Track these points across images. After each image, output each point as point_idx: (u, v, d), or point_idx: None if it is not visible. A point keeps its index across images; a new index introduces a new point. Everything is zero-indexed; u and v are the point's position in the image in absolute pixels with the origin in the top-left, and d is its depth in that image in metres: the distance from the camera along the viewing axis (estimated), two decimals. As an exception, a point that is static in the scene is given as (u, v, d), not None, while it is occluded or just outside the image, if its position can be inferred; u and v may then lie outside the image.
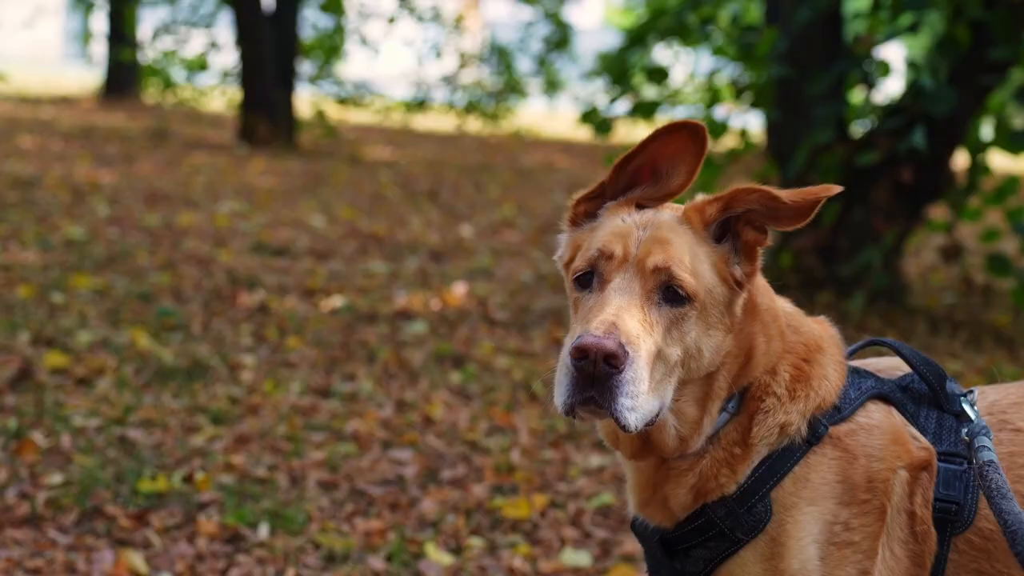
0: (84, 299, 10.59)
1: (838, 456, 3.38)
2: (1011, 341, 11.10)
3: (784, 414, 3.38)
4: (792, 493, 3.34)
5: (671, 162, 3.40)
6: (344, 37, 31.75)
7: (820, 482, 3.35)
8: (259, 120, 23.90)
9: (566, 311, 11.23)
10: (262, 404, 8.33)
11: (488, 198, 19.58)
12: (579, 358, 3.10)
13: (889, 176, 11.59)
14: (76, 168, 18.66)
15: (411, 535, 6.46)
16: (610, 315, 3.15)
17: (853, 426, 3.42)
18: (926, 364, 3.56)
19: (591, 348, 3.08)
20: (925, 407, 3.52)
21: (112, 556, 5.96)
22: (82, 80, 39.12)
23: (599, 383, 3.10)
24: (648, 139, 3.37)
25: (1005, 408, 3.57)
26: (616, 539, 6.58)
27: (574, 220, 3.51)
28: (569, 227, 3.52)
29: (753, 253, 3.41)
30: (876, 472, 3.37)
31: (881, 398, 3.50)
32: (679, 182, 3.41)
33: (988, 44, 11.12)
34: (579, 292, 3.33)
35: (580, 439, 8.06)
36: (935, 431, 3.47)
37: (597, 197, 3.49)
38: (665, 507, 3.46)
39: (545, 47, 34.87)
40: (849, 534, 3.33)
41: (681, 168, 3.40)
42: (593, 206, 3.49)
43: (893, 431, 3.43)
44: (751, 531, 3.33)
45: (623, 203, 3.44)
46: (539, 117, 36.97)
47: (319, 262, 13.06)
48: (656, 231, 3.31)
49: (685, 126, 3.36)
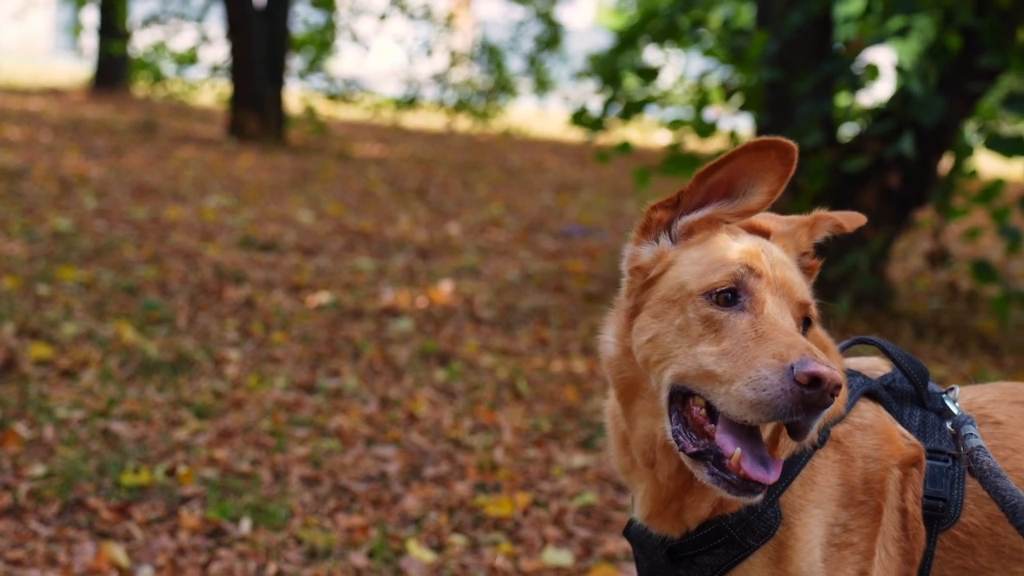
0: (70, 291, 10.58)
1: (839, 458, 3.38)
2: (996, 347, 11.12)
3: None
4: (800, 496, 3.34)
5: (752, 180, 3.32)
6: (335, 33, 31.75)
7: (825, 484, 3.35)
8: (248, 115, 23.89)
9: (552, 310, 11.29)
10: (246, 399, 8.32)
11: (476, 197, 19.58)
12: (811, 386, 2.98)
13: (877, 180, 11.62)
14: (64, 160, 18.63)
15: (393, 532, 6.46)
16: (806, 342, 3.07)
17: (849, 427, 3.42)
18: (910, 362, 3.58)
19: (827, 378, 2.96)
20: (909, 405, 3.54)
21: (94, 548, 5.95)
22: (72, 72, 39.09)
23: (817, 409, 3.00)
24: (734, 153, 3.28)
25: (984, 404, 3.60)
26: (598, 539, 6.58)
27: (647, 228, 3.42)
28: (639, 234, 3.43)
29: (811, 279, 3.46)
30: (872, 473, 3.37)
31: (869, 396, 3.52)
32: (760, 200, 3.32)
33: (978, 51, 11.15)
34: (717, 309, 3.18)
35: (564, 439, 8.07)
36: (919, 428, 3.49)
37: (673, 207, 3.40)
38: (678, 518, 3.40)
39: (536, 47, 34.86)
40: (848, 535, 3.33)
41: (764, 187, 3.31)
42: (668, 216, 3.40)
43: (885, 430, 3.44)
44: (762, 537, 3.31)
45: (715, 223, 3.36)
46: (529, 116, 36.99)
47: (306, 258, 13.05)
48: (777, 255, 3.30)
49: (776, 145, 3.27)
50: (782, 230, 3.45)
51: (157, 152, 20.93)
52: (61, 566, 5.80)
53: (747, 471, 3.08)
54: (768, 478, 3.08)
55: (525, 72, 35.42)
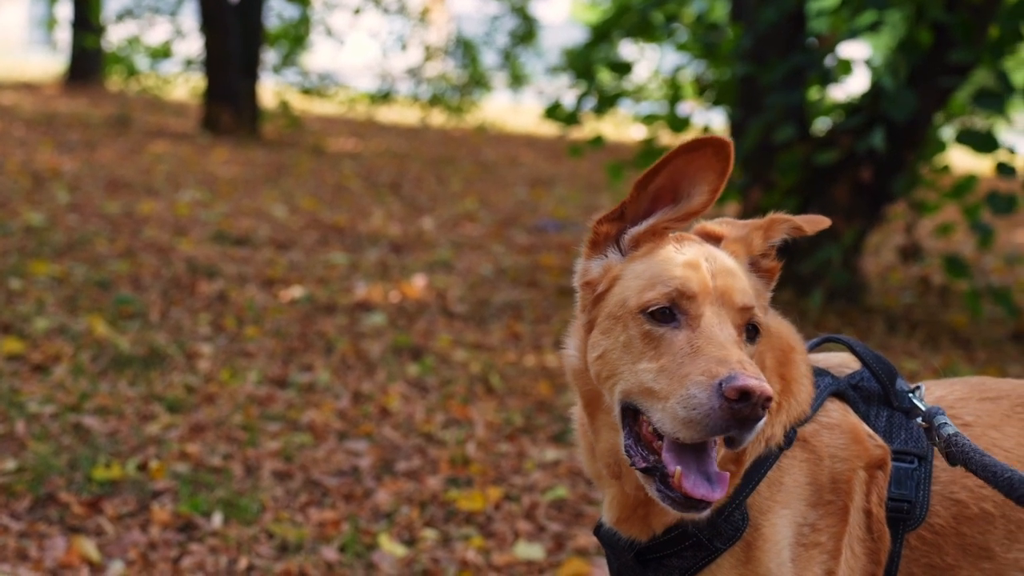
0: (42, 285, 10.55)
1: (806, 458, 3.39)
2: (967, 341, 11.16)
3: (771, 427, 3.35)
4: (767, 498, 3.34)
5: (692, 181, 3.28)
6: (309, 27, 31.73)
7: (792, 484, 3.36)
8: (222, 109, 23.84)
9: (525, 305, 11.29)
10: (218, 393, 8.32)
11: (450, 191, 19.57)
12: (740, 400, 2.98)
13: (848, 175, 11.66)
14: (37, 154, 18.57)
15: (365, 526, 6.47)
16: (738, 355, 3.05)
17: (816, 426, 3.43)
18: (878, 362, 3.59)
19: (756, 391, 2.95)
20: (875, 405, 3.54)
21: (65, 543, 5.95)
22: (45, 67, 38.96)
23: (748, 423, 2.99)
24: (669, 156, 3.25)
25: (952, 404, 3.60)
26: (569, 532, 6.59)
27: (594, 243, 3.40)
28: (588, 248, 3.41)
29: (771, 283, 3.43)
30: (839, 473, 3.38)
31: (836, 395, 3.52)
32: (702, 201, 3.29)
33: (949, 46, 11.18)
34: (654, 326, 3.17)
35: (536, 433, 8.08)
36: (885, 429, 3.49)
37: (618, 219, 3.37)
38: (645, 523, 3.41)
39: (511, 41, 34.87)
40: (816, 535, 3.34)
41: (704, 187, 3.28)
42: (614, 228, 3.38)
43: (852, 430, 3.44)
44: (730, 540, 3.31)
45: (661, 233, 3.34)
46: (503, 111, 36.96)
47: (279, 252, 13.04)
48: (723, 263, 3.26)
49: (709, 142, 3.23)
50: (734, 235, 3.41)
51: (131, 146, 20.88)
52: (32, 561, 5.79)
53: (687, 490, 3.08)
54: (712, 495, 3.08)
55: (499, 67, 35.42)
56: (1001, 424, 3.57)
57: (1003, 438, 3.54)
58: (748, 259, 3.40)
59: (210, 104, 24.17)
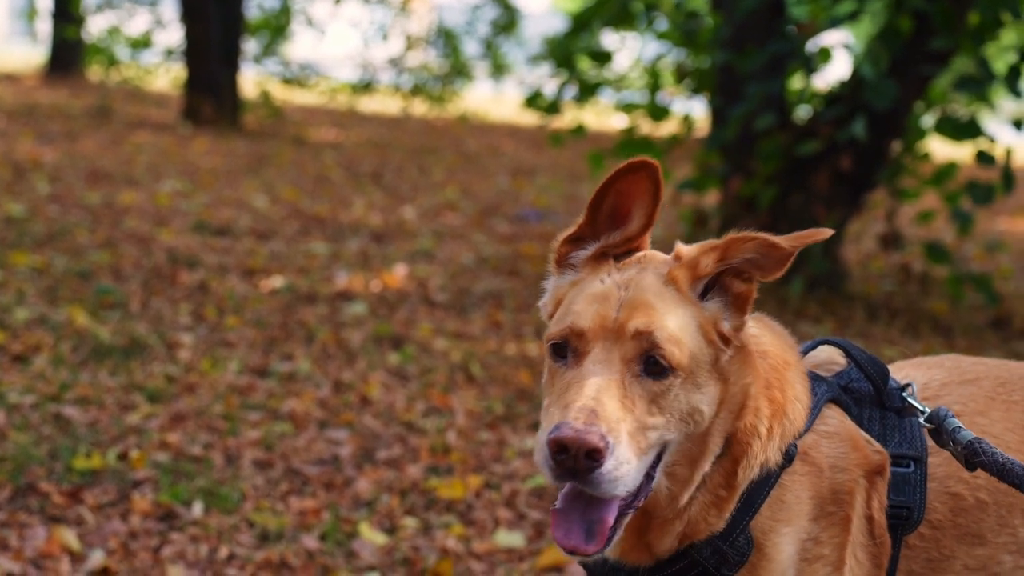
0: (22, 276, 10.54)
1: (807, 471, 3.35)
2: (948, 328, 11.20)
3: (764, 453, 3.28)
4: (769, 517, 3.30)
5: (633, 203, 3.23)
6: (290, 17, 31.66)
7: (794, 501, 3.32)
8: (203, 99, 23.77)
9: (506, 294, 11.31)
10: (199, 383, 8.32)
11: (432, 181, 19.56)
12: (559, 452, 2.92)
13: (829, 163, 11.67)
14: (18, 145, 18.52)
15: (345, 514, 6.48)
16: (589, 400, 2.96)
17: (816, 436, 3.39)
18: (872, 364, 3.55)
19: (571, 444, 2.89)
20: (868, 408, 3.51)
21: (45, 533, 5.95)
22: (26, 57, 38.83)
23: (581, 475, 2.93)
24: (610, 179, 3.20)
25: (937, 391, 3.60)
26: (550, 521, 6.59)
27: (559, 262, 3.34)
28: (555, 268, 3.35)
29: (744, 306, 3.25)
30: (841, 483, 3.36)
31: (832, 402, 3.48)
32: (638, 225, 3.24)
33: (929, 34, 11.20)
34: (554, 362, 3.15)
35: (516, 421, 8.10)
36: (880, 432, 3.47)
37: (575, 241, 3.31)
38: (648, 551, 3.32)
39: (492, 31, 34.78)
40: (819, 548, 3.32)
41: (641, 211, 3.23)
42: (576, 247, 3.32)
43: (850, 437, 3.42)
44: (736, 566, 3.27)
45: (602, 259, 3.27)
46: (485, 101, 36.91)
47: (260, 242, 13.03)
48: (638, 293, 3.13)
49: (644, 166, 3.17)
50: (686, 259, 3.25)
51: (111, 137, 20.83)
52: (12, 550, 5.79)
53: (557, 538, 3.06)
54: (583, 548, 3.04)
55: (481, 56, 35.34)
56: (986, 410, 3.58)
57: (990, 424, 3.55)
58: (696, 283, 3.24)
59: (191, 94, 24.09)
